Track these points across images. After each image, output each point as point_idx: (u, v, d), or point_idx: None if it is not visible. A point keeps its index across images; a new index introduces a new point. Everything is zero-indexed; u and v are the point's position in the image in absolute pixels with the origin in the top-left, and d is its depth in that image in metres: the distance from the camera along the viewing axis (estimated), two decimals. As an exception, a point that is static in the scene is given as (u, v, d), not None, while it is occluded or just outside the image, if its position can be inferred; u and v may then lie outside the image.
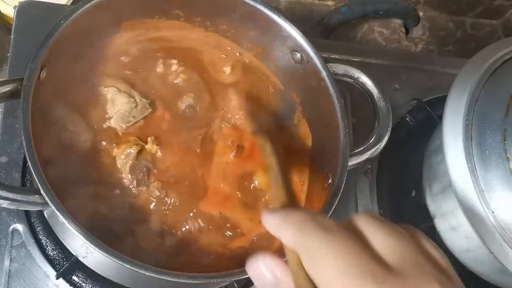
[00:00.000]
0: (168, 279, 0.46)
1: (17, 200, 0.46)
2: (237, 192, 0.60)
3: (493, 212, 0.56)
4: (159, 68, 0.64)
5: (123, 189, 0.56)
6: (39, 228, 0.63)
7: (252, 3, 0.60)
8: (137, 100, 0.60)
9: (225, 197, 0.60)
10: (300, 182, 0.63)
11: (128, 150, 0.57)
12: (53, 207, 0.45)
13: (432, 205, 0.68)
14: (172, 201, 0.58)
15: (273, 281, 0.38)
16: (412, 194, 0.75)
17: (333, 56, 0.81)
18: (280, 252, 0.39)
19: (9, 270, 0.60)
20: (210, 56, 0.67)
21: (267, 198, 0.61)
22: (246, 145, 0.62)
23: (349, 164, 0.56)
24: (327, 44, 0.87)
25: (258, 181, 0.61)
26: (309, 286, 0.35)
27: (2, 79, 0.50)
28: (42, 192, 0.46)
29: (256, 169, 0.62)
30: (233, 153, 0.61)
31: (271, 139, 0.58)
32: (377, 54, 0.85)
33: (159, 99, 0.62)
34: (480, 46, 0.67)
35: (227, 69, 0.66)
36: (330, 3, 0.97)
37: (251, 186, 0.61)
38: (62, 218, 0.45)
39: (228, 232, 0.58)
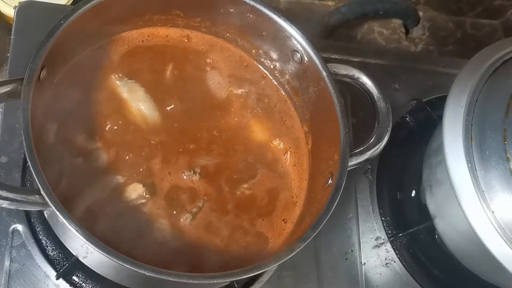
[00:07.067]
0: (168, 279, 0.46)
1: (17, 200, 0.46)
2: None
3: (493, 212, 0.56)
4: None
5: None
6: (39, 228, 0.63)
7: (252, 3, 0.60)
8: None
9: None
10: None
11: None
12: (53, 207, 0.45)
13: (432, 205, 0.68)
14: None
15: None
16: (412, 194, 0.75)
17: (333, 56, 0.81)
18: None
19: (9, 270, 0.60)
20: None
21: None
22: None
23: (349, 164, 0.56)
24: (327, 44, 0.87)
25: None
26: None
27: (2, 79, 0.50)
28: (42, 192, 0.46)
29: None
30: None
31: None
32: (377, 54, 0.85)
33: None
34: (480, 46, 0.67)
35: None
36: (330, 3, 0.97)
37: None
38: (62, 218, 0.45)
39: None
